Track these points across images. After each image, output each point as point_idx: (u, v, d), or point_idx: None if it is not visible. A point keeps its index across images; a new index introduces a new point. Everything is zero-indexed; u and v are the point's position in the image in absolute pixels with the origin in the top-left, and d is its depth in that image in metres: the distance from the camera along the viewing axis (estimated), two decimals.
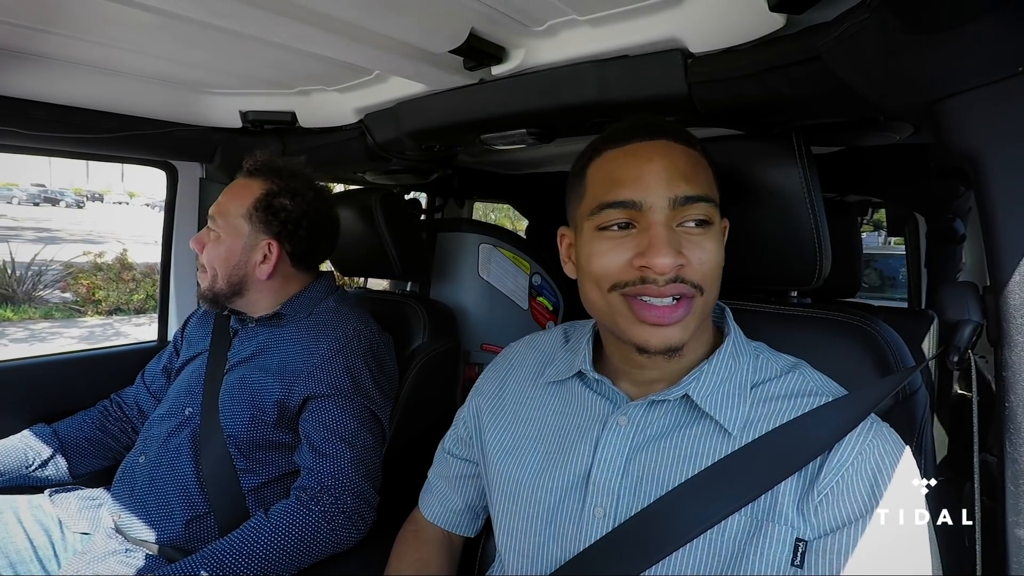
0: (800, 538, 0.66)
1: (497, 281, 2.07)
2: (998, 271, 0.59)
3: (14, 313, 8.07)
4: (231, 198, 1.32)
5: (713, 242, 0.72)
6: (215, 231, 1.31)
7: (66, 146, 1.48)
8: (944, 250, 2.42)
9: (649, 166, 0.71)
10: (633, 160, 0.72)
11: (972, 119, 0.60)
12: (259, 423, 1.23)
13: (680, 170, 0.71)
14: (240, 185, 1.34)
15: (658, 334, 0.70)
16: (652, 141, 0.73)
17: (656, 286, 0.69)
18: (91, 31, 1.09)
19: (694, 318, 0.71)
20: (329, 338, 1.27)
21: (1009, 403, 0.58)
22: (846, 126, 1.05)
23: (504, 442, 0.86)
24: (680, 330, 0.71)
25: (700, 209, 0.70)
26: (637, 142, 0.74)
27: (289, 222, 1.31)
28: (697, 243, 0.70)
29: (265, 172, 1.33)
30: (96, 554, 1.16)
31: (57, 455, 1.35)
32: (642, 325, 0.71)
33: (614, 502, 0.73)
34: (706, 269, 0.71)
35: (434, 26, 0.95)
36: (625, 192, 0.71)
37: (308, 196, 1.33)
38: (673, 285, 0.69)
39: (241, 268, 1.30)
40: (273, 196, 1.30)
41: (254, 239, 1.30)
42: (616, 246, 0.72)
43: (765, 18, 0.80)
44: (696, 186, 0.70)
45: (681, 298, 0.70)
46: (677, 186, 0.70)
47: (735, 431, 0.72)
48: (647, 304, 0.70)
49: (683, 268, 0.69)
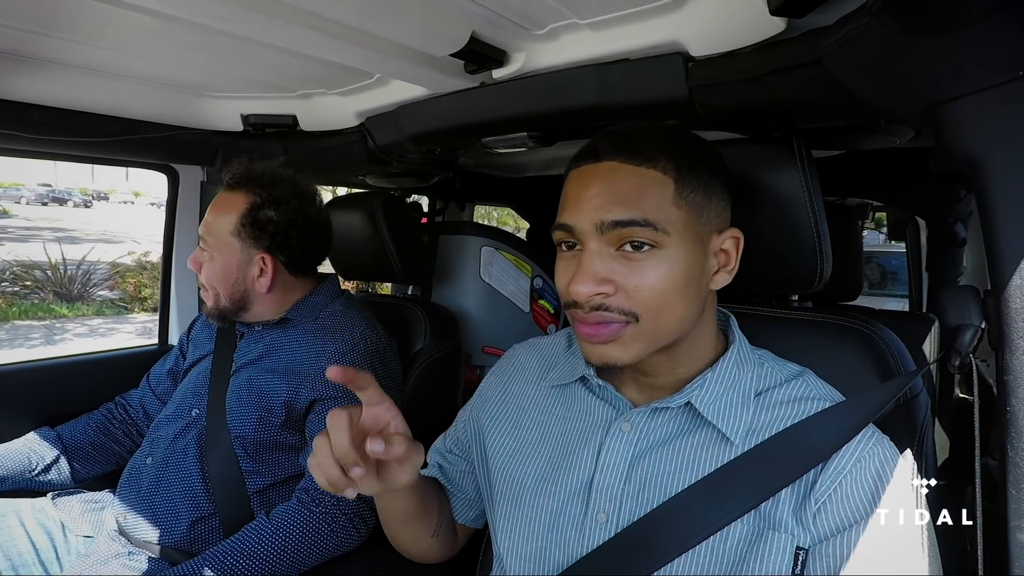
0: (800, 546, 0.66)
1: (499, 284, 2.07)
2: (999, 275, 0.59)
3: (69, 310, 8.47)
4: (216, 216, 1.31)
5: (658, 269, 0.68)
6: (207, 250, 1.30)
7: (67, 149, 1.48)
8: (945, 254, 2.42)
9: (584, 192, 0.70)
10: (576, 184, 0.73)
11: (973, 123, 0.60)
12: (267, 424, 1.23)
13: (617, 194, 0.68)
14: (223, 200, 1.32)
15: (595, 351, 0.71)
16: (597, 163, 0.71)
17: (582, 311, 0.69)
18: (92, 35, 1.09)
19: (635, 342, 0.70)
20: (336, 341, 1.27)
21: (1011, 407, 0.58)
22: (847, 129, 1.05)
23: (508, 446, 0.86)
24: (618, 349, 0.70)
25: (634, 233, 0.67)
26: (585, 164, 0.73)
27: (278, 234, 1.29)
28: (634, 268, 0.68)
29: (245, 183, 1.31)
30: (99, 557, 1.16)
31: (60, 459, 1.36)
32: (583, 342, 0.72)
33: (617, 508, 0.73)
34: (642, 297, 0.68)
35: (435, 30, 0.95)
36: (565, 215, 0.72)
37: (292, 204, 1.31)
38: (595, 313, 0.68)
39: (240, 284, 1.30)
40: (257, 209, 1.29)
41: (247, 255, 1.30)
42: (565, 266, 0.73)
43: (766, 22, 0.80)
44: (632, 210, 0.67)
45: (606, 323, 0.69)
46: (608, 210, 0.68)
47: (737, 439, 0.72)
48: (581, 323, 0.71)
49: (611, 296, 0.68)
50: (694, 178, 0.71)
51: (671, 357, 0.75)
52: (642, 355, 0.71)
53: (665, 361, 0.75)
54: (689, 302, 0.71)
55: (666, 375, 0.77)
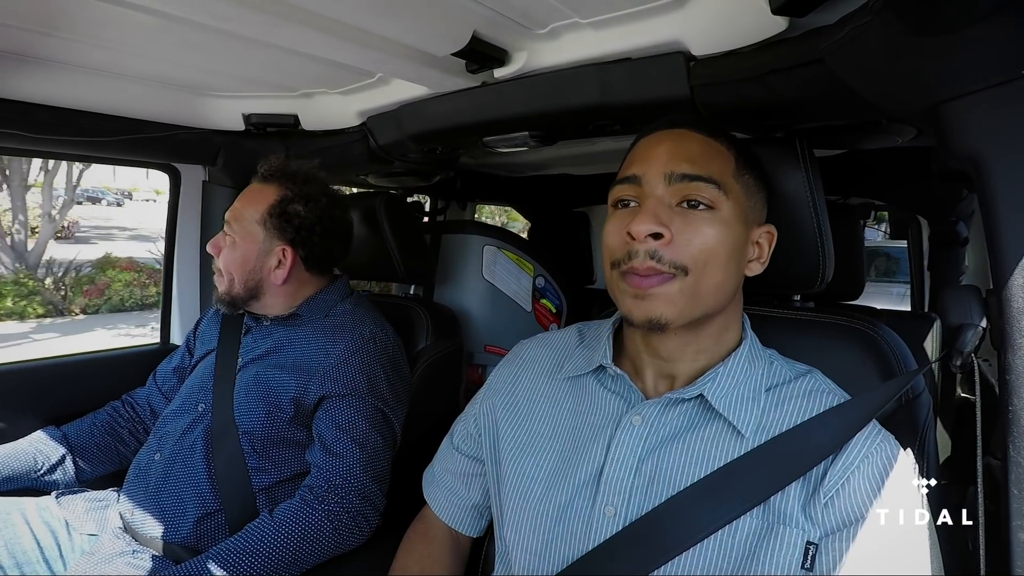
0: (810, 541, 0.66)
1: (501, 283, 2.07)
2: (1001, 274, 0.59)
3: None
4: (246, 204, 1.33)
5: (713, 227, 0.72)
6: (231, 236, 1.32)
7: (70, 149, 1.49)
8: (947, 253, 2.42)
9: (656, 148, 0.76)
10: (646, 144, 0.79)
11: (975, 122, 0.60)
12: (275, 419, 1.24)
13: (687, 152, 0.74)
14: (255, 190, 1.34)
15: (640, 306, 0.72)
16: (671, 130, 0.78)
17: (636, 261, 0.71)
18: (94, 34, 1.09)
19: (681, 296, 0.72)
20: (346, 339, 1.28)
21: (1012, 407, 0.58)
22: (849, 129, 1.05)
23: (519, 439, 0.86)
24: (663, 304, 0.71)
25: (699, 189, 0.72)
26: (658, 131, 0.79)
27: (303, 228, 1.32)
28: (691, 223, 0.72)
29: (279, 177, 1.34)
30: (103, 555, 1.17)
31: (66, 459, 1.36)
32: (628, 297, 0.74)
33: (625, 501, 0.73)
34: (694, 251, 0.71)
35: (436, 29, 0.95)
36: (632, 168, 0.76)
37: (322, 202, 1.34)
38: (648, 263, 0.71)
39: (256, 273, 1.31)
40: (287, 202, 1.31)
41: (269, 245, 1.31)
42: (619, 221, 0.75)
43: (767, 21, 0.80)
44: (700, 167, 0.73)
45: (657, 273, 0.71)
46: (677, 164, 0.73)
47: (748, 433, 0.72)
48: (630, 274, 0.73)
49: (664, 244, 0.71)
50: (749, 165, 0.79)
51: (697, 339, 0.77)
52: (684, 316, 0.73)
53: (692, 342, 0.77)
54: (729, 274, 0.74)
55: (687, 361, 0.78)
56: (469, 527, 0.97)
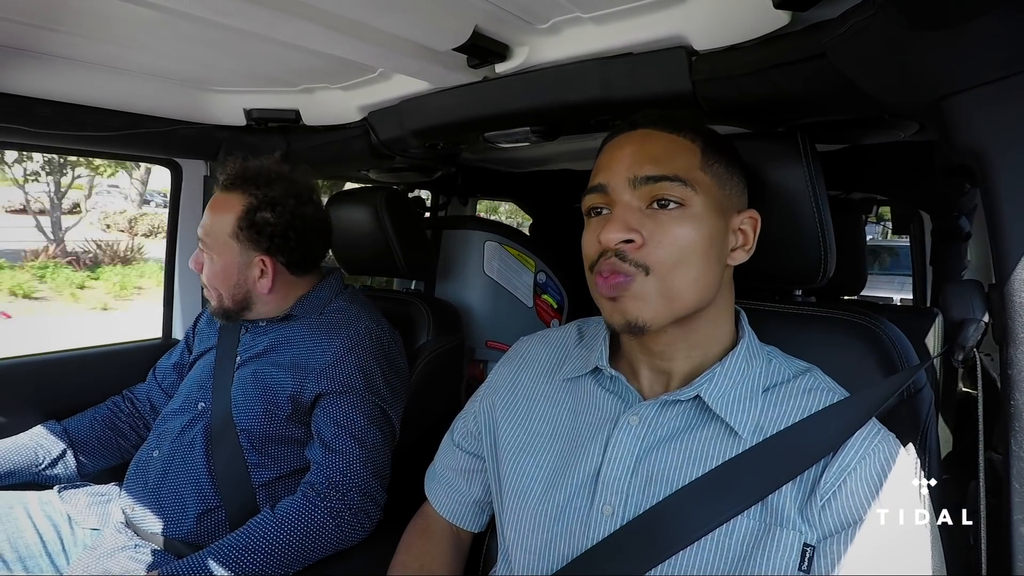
0: (808, 543, 0.66)
1: (502, 279, 2.07)
2: (1003, 268, 0.59)
3: None
4: (214, 218, 1.29)
5: (684, 225, 0.71)
6: (207, 252, 1.30)
7: (72, 144, 1.49)
8: (949, 248, 2.41)
9: (618, 152, 0.76)
10: (610, 149, 0.78)
11: (978, 116, 0.60)
12: (273, 417, 1.24)
13: (649, 153, 0.74)
14: (219, 201, 1.31)
15: (615, 309, 0.73)
16: (632, 132, 0.77)
17: (604, 261, 0.72)
18: (95, 29, 1.09)
19: (651, 297, 0.71)
20: (341, 336, 1.27)
21: (1014, 401, 0.58)
22: (851, 123, 1.05)
23: (519, 438, 0.86)
24: (635, 305, 0.71)
25: (665, 189, 0.71)
26: (620, 135, 0.79)
27: (276, 236, 1.28)
28: (661, 223, 0.71)
29: (240, 184, 1.30)
30: (105, 549, 1.17)
31: (67, 453, 1.37)
32: (604, 301, 0.74)
33: (623, 501, 0.73)
34: (664, 252, 0.70)
35: (438, 24, 0.95)
36: (598, 177, 0.76)
37: (289, 204, 1.29)
38: (609, 262, 0.71)
39: (242, 286, 1.30)
40: (254, 211, 1.27)
41: (247, 257, 1.29)
42: (593, 228, 0.76)
43: (770, 15, 0.80)
44: (663, 167, 0.72)
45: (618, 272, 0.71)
46: (640, 167, 0.72)
47: (745, 434, 0.72)
48: (599, 277, 0.73)
49: (636, 248, 0.71)
50: (717, 153, 0.77)
51: (687, 335, 0.76)
52: (661, 316, 0.72)
53: (682, 339, 0.77)
54: (708, 267, 0.73)
55: (681, 359, 0.78)
56: (470, 523, 0.98)
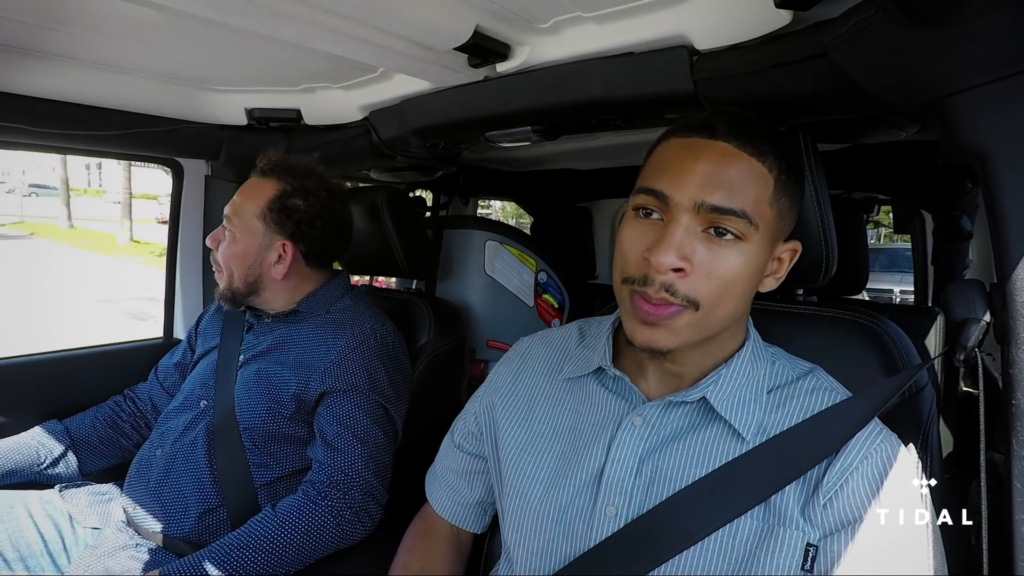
0: (810, 543, 0.66)
1: (503, 278, 2.07)
2: (1005, 268, 0.59)
3: None
4: (245, 198, 1.33)
5: (737, 259, 0.68)
6: (230, 230, 1.32)
7: (73, 143, 1.49)
8: (951, 247, 2.41)
9: (693, 164, 0.69)
10: (683, 153, 0.70)
11: (980, 116, 0.60)
12: (276, 416, 1.24)
13: (723, 178, 0.67)
14: (254, 185, 1.34)
15: (643, 332, 0.70)
16: (712, 141, 0.70)
17: (650, 288, 0.68)
18: (96, 28, 1.09)
19: (688, 329, 0.69)
20: (346, 335, 1.28)
21: (1016, 400, 0.58)
22: (852, 123, 1.04)
23: (520, 439, 0.86)
24: (667, 335, 0.69)
25: (728, 222, 0.67)
26: (698, 137, 0.71)
27: (303, 223, 1.32)
28: (715, 254, 0.67)
29: (278, 172, 1.34)
30: (106, 548, 1.17)
31: (68, 453, 1.37)
32: (634, 320, 0.71)
33: (626, 502, 0.73)
34: (711, 284, 0.67)
35: (439, 24, 0.95)
36: (661, 182, 0.69)
37: (321, 196, 1.34)
38: (662, 295, 0.67)
39: (256, 268, 1.32)
40: (287, 197, 1.31)
41: (268, 239, 1.31)
42: (640, 233, 0.70)
43: (771, 14, 0.80)
44: (734, 199, 0.67)
45: (668, 305, 0.68)
46: (710, 193, 0.67)
47: (749, 436, 0.72)
48: (642, 299, 0.69)
49: (683, 276, 0.67)
50: (789, 184, 0.72)
51: (703, 347, 0.75)
52: (687, 343, 0.71)
53: (698, 351, 0.75)
54: (744, 300, 0.72)
55: (693, 365, 0.77)
56: (472, 524, 0.97)
